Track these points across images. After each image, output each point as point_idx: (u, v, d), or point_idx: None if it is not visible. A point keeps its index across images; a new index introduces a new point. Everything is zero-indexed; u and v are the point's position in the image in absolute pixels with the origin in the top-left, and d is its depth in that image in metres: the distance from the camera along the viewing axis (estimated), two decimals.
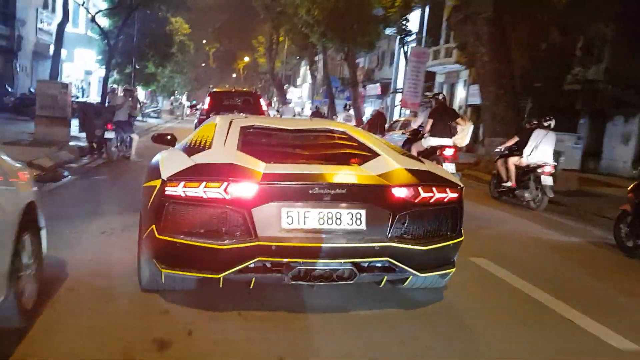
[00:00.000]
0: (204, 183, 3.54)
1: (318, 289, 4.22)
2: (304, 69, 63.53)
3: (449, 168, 10.20)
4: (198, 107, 34.16)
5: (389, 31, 33.68)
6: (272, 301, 4.22)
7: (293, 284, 3.74)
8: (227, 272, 3.58)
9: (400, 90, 31.48)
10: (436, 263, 4.04)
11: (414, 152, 10.62)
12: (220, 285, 3.69)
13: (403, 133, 16.11)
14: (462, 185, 4.10)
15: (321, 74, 48.56)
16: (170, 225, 3.59)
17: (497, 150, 11.14)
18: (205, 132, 4.53)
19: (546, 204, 9.58)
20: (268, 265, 3.66)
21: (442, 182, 4.00)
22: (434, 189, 3.87)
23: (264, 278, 3.74)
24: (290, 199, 3.66)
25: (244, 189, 3.56)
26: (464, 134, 11.45)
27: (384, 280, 3.98)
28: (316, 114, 31.46)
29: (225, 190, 3.53)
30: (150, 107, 38.33)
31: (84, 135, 13.88)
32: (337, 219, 3.68)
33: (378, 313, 4.21)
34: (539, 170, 9.58)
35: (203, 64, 73.20)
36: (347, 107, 24.59)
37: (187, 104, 62.91)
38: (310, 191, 3.64)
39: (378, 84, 39.73)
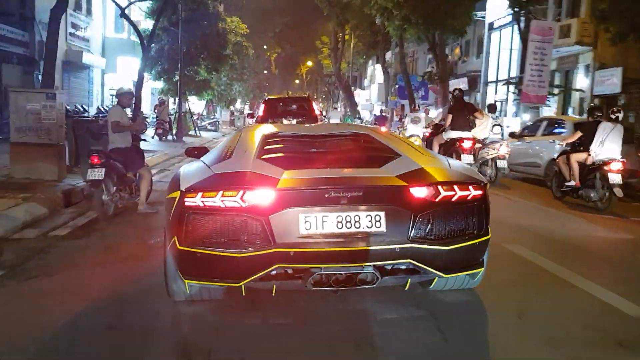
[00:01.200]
0: (220, 192, 3.50)
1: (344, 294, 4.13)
2: (371, 69, 57.90)
3: (467, 159, 10.72)
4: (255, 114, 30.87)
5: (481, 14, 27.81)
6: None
7: (315, 289, 3.61)
8: (247, 280, 3.54)
9: (507, 81, 25.43)
10: (462, 263, 3.85)
11: (435, 145, 11.85)
12: (243, 294, 3.67)
13: None
14: (485, 182, 3.96)
15: (394, 71, 42.81)
16: (191, 236, 3.55)
17: (557, 146, 10.80)
18: (230, 142, 4.58)
19: (615, 204, 8.81)
20: (289, 271, 3.59)
21: (464, 180, 3.84)
22: (455, 187, 3.70)
23: (285, 285, 3.65)
24: (308, 204, 3.55)
25: (260, 196, 3.50)
26: (483, 126, 11.87)
27: (408, 283, 3.81)
28: (381, 120, 25.83)
29: (241, 198, 3.48)
30: (207, 120, 33.57)
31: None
32: (355, 222, 3.56)
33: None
34: (606, 168, 8.80)
35: (265, 71, 68.63)
36: (416, 107, 21.06)
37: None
38: (327, 195, 3.54)
39: (464, 78, 33.47)
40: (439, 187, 3.67)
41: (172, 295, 4.09)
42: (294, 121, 14.58)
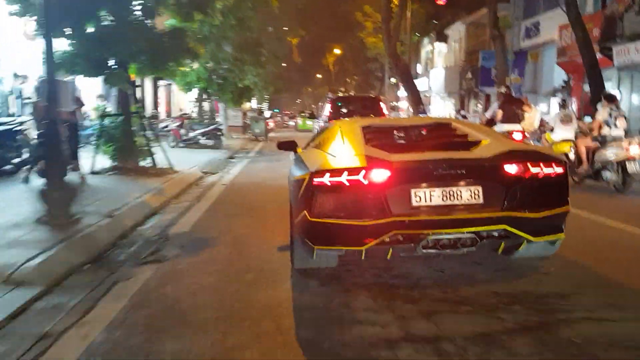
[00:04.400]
0: (345, 172, 3.96)
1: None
2: (425, 51, 42.63)
3: None
4: (321, 115, 19.90)
5: None
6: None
7: (424, 252, 4.02)
8: (369, 245, 3.97)
9: None
10: (548, 229, 4.24)
11: None
12: (362, 257, 4.12)
13: None
14: (566, 160, 4.64)
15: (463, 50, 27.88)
16: (320, 209, 4.01)
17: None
18: (332, 133, 5.06)
19: (631, 186, 8.92)
20: (401, 238, 3.99)
21: (548, 159, 4.26)
22: (541, 164, 4.14)
23: (398, 249, 4.08)
24: (417, 181, 4.03)
25: (379, 175, 3.95)
26: (531, 120, 11.74)
27: (502, 246, 4.21)
28: (489, 122, 13.04)
29: (364, 177, 3.93)
30: (198, 126, 18.08)
31: None
32: (458, 195, 4.02)
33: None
34: None
35: (284, 64, 53.57)
36: (562, 102, 12.09)
37: (267, 113, 44.27)
38: (435, 173, 4.01)
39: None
40: (528, 164, 4.10)
41: (295, 263, 4.68)
42: None
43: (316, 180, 3.99)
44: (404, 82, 31.66)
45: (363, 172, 3.93)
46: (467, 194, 4.02)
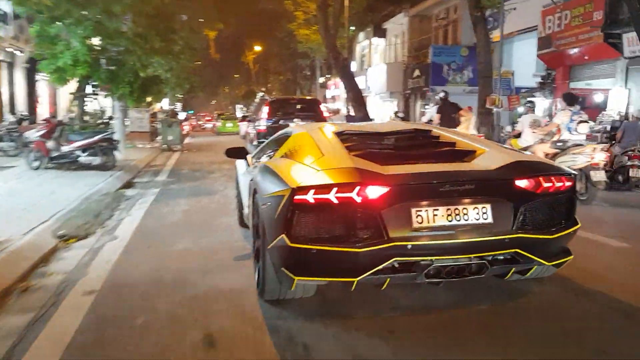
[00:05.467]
0: (335, 189, 3.32)
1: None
2: (361, 47, 38.00)
3: None
4: (251, 118, 19.64)
5: None
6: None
7: (427, 281, 3.51)
8: (364, 275, 3.35)
9: None
10: (561, 252, 3.82)
11: None
12: (352, 289, 3.47)
13: None
14: (575, 174, 4.02)
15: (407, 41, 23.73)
16: (303, 233, 3.38)
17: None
18: (300, 142, 4.37)
19: (596, 195, 8.19)
20: (402, 265, 3.43)
21: (558, 172, 3.81)
22: (552, 178, 3.67)
23: (398, 278, 3.48)
24: (418, 198, 3.46)
25: (374, 192, 3.34)
26: (467, 124, 11.70)
27: (512, 272, 3.70)
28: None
29: (357, 194, 3.31)
30: (77, 139, 11.16)
31: None
32: (464, 214, 3.47)
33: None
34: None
35: (198, 62, 47.11)
36: (530, 105, 11.40)
37: (182, 115, 38.20)
38: (441, 189, 3.47)
39: None
40: (540, 178, 3.63)
41: (265, 295, 3.91)
42: (302, 123, 11.84)
43: (298, 197, 3.33)
44: (344, 79, 26.80)
45: (357, 188, 3.31)
46: (475, 212, 3.47)
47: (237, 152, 5.57)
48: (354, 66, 38.79)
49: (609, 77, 17.30)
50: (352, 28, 33.41)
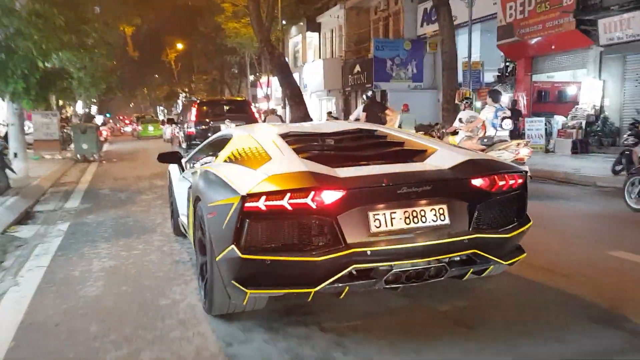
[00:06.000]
0: (288, 194, 3.08)
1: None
2: (293, 42, 35.63)
3: None
4: (177, 120, 19.46)
5: None
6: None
7: (387, 287, 3.36)
8: (322, 285, 3.13)
9: None
10: (515, 250, 3.75)
11: None
12: (309, 299, 3.24)
13: None
14: (527, 171, 4.15)
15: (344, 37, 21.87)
16: (255, 243, 3.14)
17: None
18: (243, 145, 4.04)
19: None
20: (360, 272, 3.23)
21: (511, 169, 3.70)
22: (506, 176, 3.59)
23: (357, 286, 3.26)
24: (376, 201, 3.26)
25: (330, 197, 3.14)
26: (392, 122, 12.00)
27: (469, 274, 3.54)
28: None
29: (312, 199, 3.09)
30: None
31: None
32: (422, 216, 3.33)
33: None
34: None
35: (114, 61, 42.88)
36: (468, 103, 11.04)
37: (100, 119, 34.66)
38: (398, 191, 3.29)
39: None
40: (495, 177, 3.56)
41: (213, 309, 3.60)
42: (233, 125, 12.26)
43: (249, 205, 3.08)
44: (280, 76, 24.24)
45: (312, 193, 3.09)
46: (432, 214, 3.34)
47: (171, 157, 5.36)
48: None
49: (579, 67, 15.87)
50: (284, 22, 30.99)
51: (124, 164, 15.80)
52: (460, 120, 10.40)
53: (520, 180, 3.65)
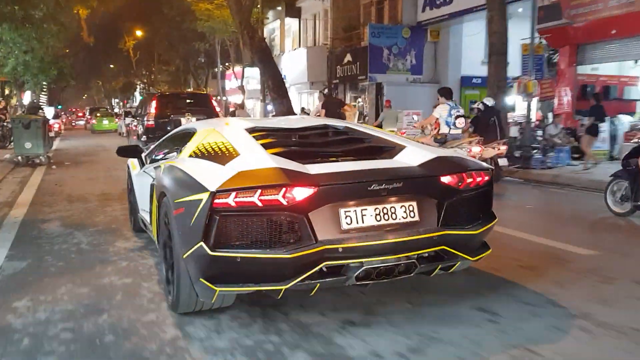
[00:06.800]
0: (259, 191, 3.04)
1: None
2: (269, 29, 31.92)
3: None
4: (136, 113, 18.39)
5: None
6: None
7: (357, 284, 3.32)
8: (293, 282, 3.08)
9: None
10: (482, 246, 3.80)
11: None
12: (279, 297, 3.23)
13: None
14: (492, 168, 4.06)
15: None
16: (224, 240, 3.06)
17: None
18: (209, 140, 3.91)
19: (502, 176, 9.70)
20: (331, 269, 3.19)
21: (478, 167, 3.76)
22: (473, 173, 3.63)
23: (328, 283, 3.22)
24: (347, 198, 3.25)
25: (301, 193, 3.09)
26: (351, 118, 12.01)
27: (437, 269, 3.54)
28: None
29: (283, 196, 3.05)
30: None
31: None
32: (392, 213, 3.34)
33: None
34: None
35: (67, 50, 38.01)
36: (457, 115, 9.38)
37: (51, 112, 30.47)
38: (369, 188, 3.25)
39: None
40: (463, 174, 3.58)
41: (179, 307, 3.49)
42: (194, 119, 11.99)
43: (219, 202, 3.01)
44: (261, 64, 20.77)
45: (283, 190, 3.04)
46: (402, 211, 3.35)
47: (130, 151, 5.28)
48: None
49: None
50: (259, 7, 27.38)
51: (80, 170, 12.01)
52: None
53: (486, 178, 3.68)
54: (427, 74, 22.45)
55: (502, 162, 9.58)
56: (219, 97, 35.64)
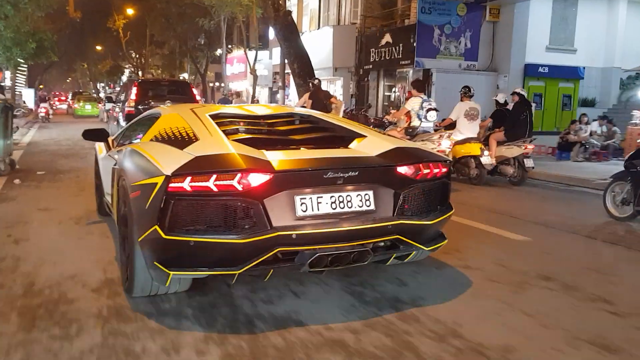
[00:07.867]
0: (214, 176, 3.03)
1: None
2: (288, 4, 27.48)
3: None
4: (117, 99, 17.43)
5: None
6: None
7: (311, 271, 3.32)
8: (247, 267, 3.11)
9: None
10: (437, 237, 3.88)
11: None
12: (233, 282, 3.40)
13: None
14: (450, 160, 4.07)
15: None
16: (178, 224, 3.04)
17: None
18: (172, 124, 3.89)
19: (526, 178, 9.34)
20: (285, 255, 3.23)
21: (435, 158, 3.79)
22: (430, 165, 3.67)
23: (281, 269, 3.28)
24: (302, 185, 3.25)
25: (256, 179, 3.10)
26: (337, 111, 11.63)
27: (392, 258, 3.63)
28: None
29: (238, 181, 3.05)
30: None
31: None
32: (348, 202, 3.35)
33: None
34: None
35: (51, 26, 33.08)
36: (466, 91, 9.72)
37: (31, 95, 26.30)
38: (324, 176, 3.27)
39: None
40: (420, 165, 3.61)
41: (135, 291, 3.46)
42: None
43: (174, 185, 2.99)
44: (287, 43, 16.69)
45: (238, 175, 3.05)
46: (358, 199, 3.36)
47: (97, 135, 5.16)
48: (271, 34, 28.15)
49: None
50: None
51: (59, 192, 7.73)
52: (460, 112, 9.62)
53: (444, 169, 3.70)
54: (482, 61, 18.49)
55: (528, 162, 9.21)
56: (222, 84, 31.33)
